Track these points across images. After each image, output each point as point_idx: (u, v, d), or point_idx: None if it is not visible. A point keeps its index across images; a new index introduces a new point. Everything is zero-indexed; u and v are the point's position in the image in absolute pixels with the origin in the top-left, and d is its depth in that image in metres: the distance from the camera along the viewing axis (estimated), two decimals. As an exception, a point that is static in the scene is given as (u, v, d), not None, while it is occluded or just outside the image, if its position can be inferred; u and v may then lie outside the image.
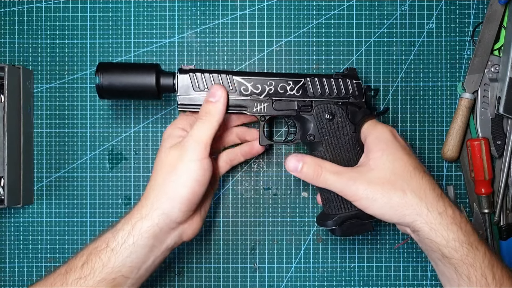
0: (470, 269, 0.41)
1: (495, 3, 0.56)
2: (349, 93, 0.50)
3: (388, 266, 0.59)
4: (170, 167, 0.45)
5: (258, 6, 0.60)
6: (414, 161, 0.45)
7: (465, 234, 0.41)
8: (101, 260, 0.43)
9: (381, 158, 0.45)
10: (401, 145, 0.46)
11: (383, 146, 0.45)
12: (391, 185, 0.43)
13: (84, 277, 0.43)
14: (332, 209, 0.49)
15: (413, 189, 0.43)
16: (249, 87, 0.49)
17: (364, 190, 0.44)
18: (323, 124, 0.49)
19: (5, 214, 0.59)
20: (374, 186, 0.44)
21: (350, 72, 0.50)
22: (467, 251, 0.41)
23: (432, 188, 0.44)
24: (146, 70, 0.48)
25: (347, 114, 0.49)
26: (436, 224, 0.42)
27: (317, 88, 0.49)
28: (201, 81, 0.48)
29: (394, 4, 0.60)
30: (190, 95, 0.48)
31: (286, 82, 0.49)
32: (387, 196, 0.43)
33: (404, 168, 0.44)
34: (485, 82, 0.57)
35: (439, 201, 0.43)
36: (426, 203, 0.43)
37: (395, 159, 0.44)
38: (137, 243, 0.44)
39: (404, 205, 0.43)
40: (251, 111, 0.49)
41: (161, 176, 0.45)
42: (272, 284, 0.59)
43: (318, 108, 0.49)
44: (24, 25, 0.60)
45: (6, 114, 0.54)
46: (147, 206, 0.45)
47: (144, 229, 0.44)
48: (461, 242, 0.41)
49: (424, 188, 0.43)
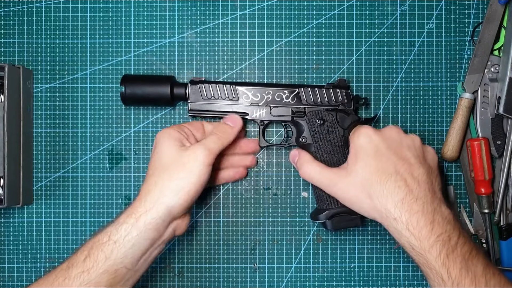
0: (426, 268, 0.45)
1: (495, 3, 0.56)
2: (339, 101, 0.55)
3: (388, 266, 0.59)
4: (181, 166, 0.48)
5: (258, 6, 0.60)
6: (383, 165, 0.47)
7: (418, 239, 0.44)
8: (103, 252, 0.45)
9: (355, 165, 0.49)
10: (374, 149, 0.48)
11: (357, 152, 0.49)
12: (361, 191, 0.48)
13: (87, 270, 0.44)
14: (323, 205, 0.54)
15: (377, 195, 0.46)
16: (249, 96, 0.55)
17: (341, 193, 0.50)
18: (315, 128, 0.55)
19: (5, 214, 0.59)
20: (349, 192, 0.49)
21: (340, 83, 0.56)
22: (418, 255, 0.45)
23: (395, 193, 0.46)
24: (162, 81, 0.55)
25: (336, 119, 0.55)
26: (392, 228, 0.46)
27: (309, 97, 0.55)
28: (209, 91, 0.55)
29: (394, 4, 0.60)
30: (200, 103, 0.55)
31: (282, 91, 0.56)
32: (359, 201, 0.48)
33: (372, 174, 0.47)
34: (485, 82, 0.57)
35: (396, 207, 0.45)
36: (385, 209, 0.46)
37: (365, 165, 0.48)
38: (141, 235, 0.46)
39: (373, 209, 0.47)
40: (251, 116, 0.56)
41: (168, 173, 0.48)
42: (272, 284, 0.59)
43: (310, 114, 0.55)
44: (24, 25, 0.60)
45: (6, 114, 0.54)
46: (151, 200, 0.47)
47: (148, 221, 0.46)
48: (412, 246, 0.45)
49: (386, 194, 0.46)
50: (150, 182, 0.48)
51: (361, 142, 0.49)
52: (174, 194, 0.47)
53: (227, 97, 0.55)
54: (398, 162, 0.47)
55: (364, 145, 0.49)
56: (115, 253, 0.45)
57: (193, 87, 0.55)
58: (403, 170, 0.47)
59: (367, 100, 0.57)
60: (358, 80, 0.59)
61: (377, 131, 0.50)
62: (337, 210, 0.53)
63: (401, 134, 0.50)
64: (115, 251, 0.45)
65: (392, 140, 0.49)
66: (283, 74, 0.60)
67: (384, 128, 0.51)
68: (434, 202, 0.46)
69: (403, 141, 0.49)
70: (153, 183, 0.48)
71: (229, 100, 0.55)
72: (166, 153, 0.49)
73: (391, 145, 0.49)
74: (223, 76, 0.60)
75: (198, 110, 0.55)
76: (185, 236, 0.59)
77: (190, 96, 0.55)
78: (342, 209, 0.53)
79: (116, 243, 0.45)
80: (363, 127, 0.51)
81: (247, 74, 0.60)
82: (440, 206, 0.46)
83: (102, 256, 0.44)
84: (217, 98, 0.55)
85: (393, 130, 0.50)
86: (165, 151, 0.50)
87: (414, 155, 0.49)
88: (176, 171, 0.48)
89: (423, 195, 0.46)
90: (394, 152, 0.48)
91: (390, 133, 0.50)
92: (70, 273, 0.44)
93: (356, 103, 0.56)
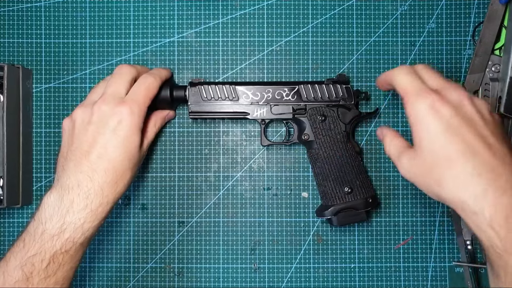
0: (500, 270, 0.38)
1: (495, 2, 0.56)
2: (339, 97, 0.55)
3: (388, 266, 0.59)
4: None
5: (258, 6, 0.60)
6: (456, 146, 0.39)
7: (503, 239, 0.37)
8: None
9: (420, 147, 0.41)
10: (443, 127, 0.39)
11: (420, 130, 0.41)
12: (429, 177, 0.40)
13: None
14: (328, 201, 0.54)
15: (448, 184, 0.39)
16: (249, 95, 0.55)
17: (409, 176, 0.43)
18: (316, 125, 0.55)
19: (4, 215, 0.59)
20: (416, 176, 0.42)
21: (340, 78, 0.56)
22: (498, 255, 0.38)
23: (475, 182, 0.37)
24: (162, 85, 0.54)
25: (337, 115, 0.55)
26: (470, 222, 0.39)
27: (310, 93, 0.55)
28: (209, 92, 0.55)
29: (394, 4, 0.59)
30: (200, 104, 0.55)
31: (282, 89, 0.55)
32: (430, 187, 0.41)
33: (443, 158, 0.39)
34: (486, 81, 0.57)
35: (476, 199, 0.37)
36: (461, 201, 0.38)
37: (432, 148, 0.40)
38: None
39: (445, 199, 0.40)
40: (252, 116, 0.56)
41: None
42: (272, 284, 0.59)
43: (311, 110, 0.55)
44: (24, 25, 0.59)
45: (5, 114, 0.54)
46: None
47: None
48: (493, 245, 0.37)
49: (461, 183, 0.38)
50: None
51: (425, 117, 0.40)
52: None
53: (227, 97, 0.55)
54: (475, 143, 0.38)
55: (429, 122, 0.40)
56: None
57: (193, 89, 0.55)
58: (483, 152, 0.38)
59: (367, 94, 0.57)
60: (358, 80, 0.59)
61: (444, 98, 0.40)
62: (342, 206, 0.53)
63: (473, 101, 0.41)
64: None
65: (464, 112, 0.40)
66: (283, 74, 0.59)
67: (448, 90, 0.41)
68: None
69: (477, 113, 0.40)
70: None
71: (229, 100, 0.55)
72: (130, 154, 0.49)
73: (464, 119, 0.40)
74: (223, 76, 0.60)
75: (198, 112, 0.55)
76: (185, 236, 0.59)
77: (190, 98, 0.55)
78: (347, 204, 0.53)
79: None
80: (425, 92, 0.41)
81: (247, 74, 0.60)
82: None
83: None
84: (217, 99, 0.55)
85: (462, 95, 0.41)
86: (133, 152, 0.49)
87: (492, 131, 0.40)
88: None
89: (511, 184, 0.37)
90: (469, 129, 0.39)
91: (460, 100, 0.41)
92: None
93: (357, 97, 0.55)
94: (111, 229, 0.59)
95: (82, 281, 0.59)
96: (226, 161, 0.59)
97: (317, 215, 0.56)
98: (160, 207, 0.59)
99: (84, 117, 0.48)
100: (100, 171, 0.46)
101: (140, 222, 0.59)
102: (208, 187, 0.59)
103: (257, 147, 0.59)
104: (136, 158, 0.49)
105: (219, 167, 0.59)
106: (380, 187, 0.59)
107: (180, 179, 0.59)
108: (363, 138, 0.59)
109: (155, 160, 0.59)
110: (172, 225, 0.59)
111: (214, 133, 0.59)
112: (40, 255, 0.44)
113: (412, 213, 0.59)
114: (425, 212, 0.59)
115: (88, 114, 0.48)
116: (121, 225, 0.59)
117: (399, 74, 0.44)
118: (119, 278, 0.59)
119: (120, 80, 0.50)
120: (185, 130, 0.59)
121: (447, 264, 0.58)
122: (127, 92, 0.50)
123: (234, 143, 0.59)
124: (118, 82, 0.50)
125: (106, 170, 0.47)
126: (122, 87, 0.50)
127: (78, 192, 0.46)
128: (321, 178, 0.54)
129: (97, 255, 0.59)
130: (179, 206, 0.59)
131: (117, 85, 0.50)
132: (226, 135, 0.59)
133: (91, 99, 0.51)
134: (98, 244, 0.59)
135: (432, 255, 0.58)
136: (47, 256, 0.44)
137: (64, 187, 0.46)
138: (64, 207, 0.45)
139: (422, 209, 0.59)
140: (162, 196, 0.59)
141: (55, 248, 0.44)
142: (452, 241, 0.58)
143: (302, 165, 0.59)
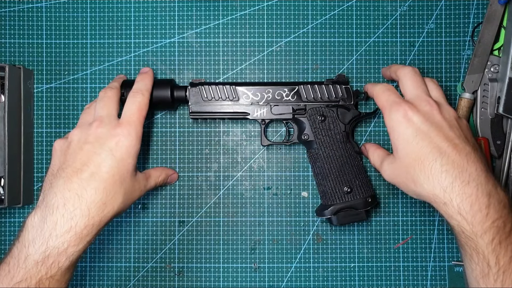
0: (472, 251, 0.43)
1: (494, 3, 0.56)
2: (339, 97, 0.56)
3: (388, 266, 0.59)
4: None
5: (258, 6, 0.60)
6: (425, 149, 0.45)
7: (470, 223, 0.42)
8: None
9: (396, 151, 0.47)
10: (413, 133, 0.45)
11: (395, 137, 0.47)
12: (405, 177, 0.46)
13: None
14: (328, 201, 0.54)
15: (421, 182, 0.45)
16: (250, 95, 0.56)
17: (389, 179, 0.49)
18: (316, 125, 0.55)
19: (5, 214, 0.59)
20: (396, 178, 0.48)
21: (340, 78, 0.56)
22: (468, 238, 0.43)
23: (443, 178, 0.43)
24: (162, 85, 0.55)
25: (337, 115, 0.55)
26: (442, 211, 0.44)
27: (310, 94, 0.56)
28: (209, 92, 0.56)
29: (394, 4, 0.60)
30: (200, 105, 0.56)
31: (282, 89, 0.56)
32: (406, 187, 0.47)
33: (414, 160, 0.45)
34: (485, 82, 0.57)
35: (445, 192, 0.43)
36: (433, 195, 0.44)
37: (406, 152, 0.46)
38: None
39: (420, 195, 0.46)
40: (252, 116, 0.56)
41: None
42: (272, 284, 0.59)
43: (311, 110, 0.55)
44: (24, 25, 0.60)
45: (6, 114, 0.54)
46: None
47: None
48: (463, 230, 0.43)
49: (432, 180, 0.44)
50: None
51: (398, 126, 0.46)
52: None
53: (228, 97, 0.55)
54: (442, 144, 0.44)
55: (403, 129, 0.46)
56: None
57: (193, 89, 0.56)
58: (449, 152, 0.44)
59: (367, 95, 0.57)
60: (358, 80, 0.59)
61: (415, 108, 0.47)
62: (342, 205, 0.54)
63: (441, 110, 0.47)
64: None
65: (433, 119, 0.46)
66: (283, 74, 0.60)
67: (422, 102, 0.48)
68: (489, 184, 0.43)
69: (443, 119, 0.46)
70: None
71: (229, 100, 0.56)
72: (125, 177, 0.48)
73: (432, 125, 0.45)
74: (223, 76, 0.60)
75: (199, 112, 0.56)
76: (185, 235, 0.59)
77: (191, 99, 0.55)
78: (347, 204, 0.53)
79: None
80: (398, 104, 0.47)
81: (247, 74, 0.60)
82: (496, 187, 0.43)
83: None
84: (218, 99, 0.55)
85: (432, 106, 0.47)
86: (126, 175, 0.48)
87: (457, 134, 0.45)
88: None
89: (475, 176, 0.43)
90: (437, 133, 0.45)
91: (431, 110, 0.47)
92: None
93: (356, 98, 0.56)
94: (111, 229, 0.59)
95: (82, 281, 0.59)
96: (226, 161, 0.60)
97: (317, 215, 0.56)
98: (161, 206, 0.59)
99: (81, 137, 0.48)
100: (90, 190, 0.45)
101: (141, 222, 0.59)
102: (208, 187, 0.59)
103: (257, 147, 0.60)
104: (128, 183, 0.48)
105: (219, 167, 0.60)
106: (380, 187, 0.59)
107: (180, 179, 0.59)
108: (363, 138, 0.59)
109: (155, 160, 0.59)
110: (173, 225, 0.59)
111: (215, 133, 0.60)
112: (26, 282, 0.42)
113: (411, 213, 0.59)
114: (424, 212, 0.59)
115: (85, 135, 0.48)
116: (121, 225, 0.59)
117: (378, 92, 0.51)
118: (119, 278, 0.59)
119: (110, 103, 0.51)
120: (185, 130, 0.60)
121: (446, 264, 0.59)
122: (118, 113, 0.51)
123: (234, 143, 0.60)
124: (109, 104, 0.51)
125: (97, 189, 0.45)
126: (113, 109, 0.51)
127: (63, 213, 0.44)
128: (321, 178, 0.55)
129: (97, 255, 0.59)
130: (180, 205, 0.59)
131: (109, 108, 0.50)
132: (227, 135, 0.60)
133: (85, 120, 0.51)
134: (98, 244, 0.59)
135: (431, 254, 0.59)
136: (33, 282, 0.43)
137: (49, 206, 0.45)
138: (47, 230, 0.44)
139: (421, 209, 0.59)
140: (163, 195, 0.59)
141: (40, 273, 0.43)
142: (451, 241, 0.59)
143: (302, 165, 0.59)
